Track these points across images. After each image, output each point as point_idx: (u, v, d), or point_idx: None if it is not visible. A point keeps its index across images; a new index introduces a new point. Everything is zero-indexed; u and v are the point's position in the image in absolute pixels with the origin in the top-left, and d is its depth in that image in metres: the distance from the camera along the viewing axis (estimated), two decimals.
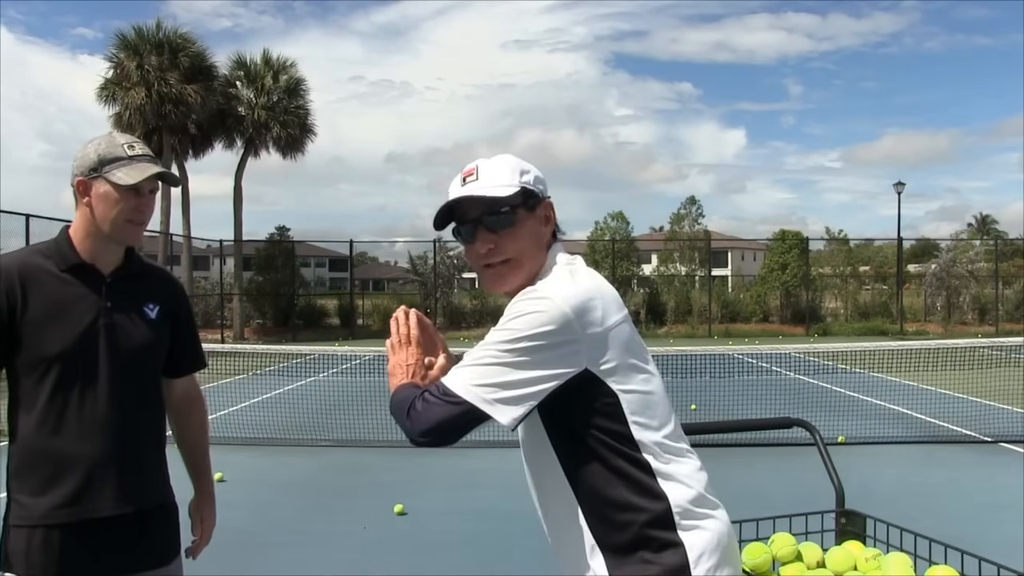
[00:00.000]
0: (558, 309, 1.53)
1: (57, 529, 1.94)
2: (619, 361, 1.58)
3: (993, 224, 66.66)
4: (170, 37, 26.17)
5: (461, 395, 1.52)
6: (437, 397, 1.54)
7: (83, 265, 2.02)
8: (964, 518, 5.71)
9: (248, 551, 5.07)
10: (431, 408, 1.54)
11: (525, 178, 1.68)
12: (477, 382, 1.53)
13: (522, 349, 1.52)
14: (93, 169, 1.99)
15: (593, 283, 1.63)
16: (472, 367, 1.55)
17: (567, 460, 1.59)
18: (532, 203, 1.68)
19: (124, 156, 1.99)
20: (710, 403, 10.16)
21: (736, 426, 2.80)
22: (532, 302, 1.55)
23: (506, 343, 1.53)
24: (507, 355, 1.53)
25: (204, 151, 29.16)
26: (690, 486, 1.59)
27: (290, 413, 10.39)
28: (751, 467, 7.44)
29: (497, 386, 1.52)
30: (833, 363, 13.87)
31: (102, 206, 1.99)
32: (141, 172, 1.99)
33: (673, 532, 1.55)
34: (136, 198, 2.00)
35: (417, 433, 1.56)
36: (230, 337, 26.76)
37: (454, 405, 1.53)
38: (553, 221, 1.73)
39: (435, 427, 1.54)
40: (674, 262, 36.00)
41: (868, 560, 2.01)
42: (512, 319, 1.55)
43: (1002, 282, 30.75)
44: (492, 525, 5.64)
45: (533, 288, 1.60)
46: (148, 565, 2.06)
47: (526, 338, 1.52)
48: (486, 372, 1.53)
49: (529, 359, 1.52)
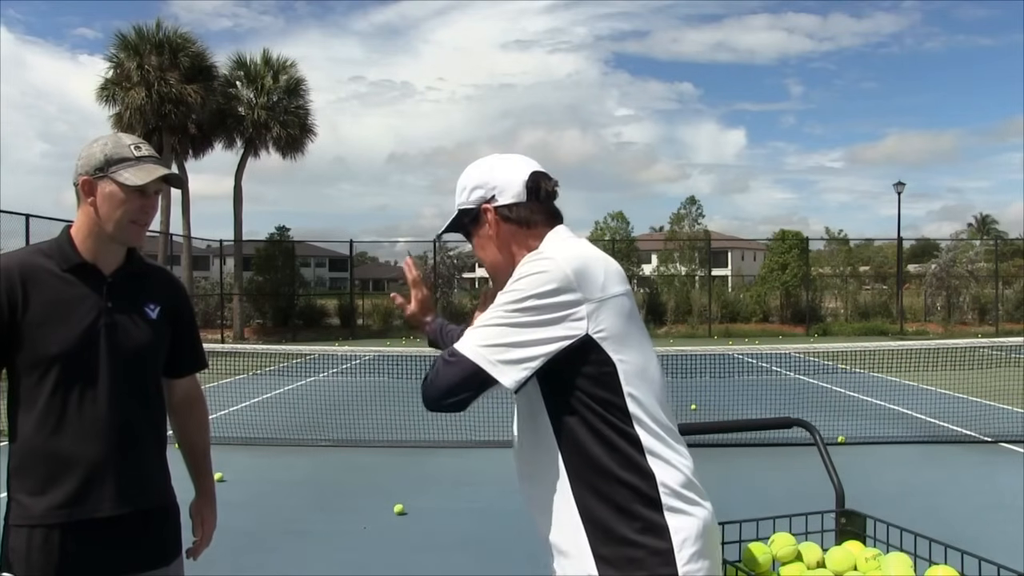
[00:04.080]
0: (560, 269, 1.59)
1: (57, 529, 1.94)
2: (619, 330, 1.62)
3: (993, 224, 66.69)
4: (170, 37, 26.17)
5: (468, 356, 1.57)
6: (447, 360, 1.60)
7: (84, 265, 2.01)
8: (964, 518, 5.71)
9: (248, 551, 5.07)
10: (441, 372, 1.60)
11: (461, 198, 1.80)
12: (483, 343, 1.58)
13: (526, 308, 1.57)
14: (99, 169, 1.98)
15: (595, 252, 1.70)
16: (479, 329, 1.61)
17: (559, 427, 1.62)
18: (475, 217, 1.79)
19: (131, 157, 1.99)
20: (710, 403, 10.16)
21: (736, 426, 2.80)
22: (535, 263, 1.62)
23: (511, 303, 1.59)
24: (513, 315, 1.58)
25: (204, 151, 29.19)
26: (679, 469, 1.61)
27: (290, 413, 10.39)
28: (751, 467, 7.45)
29: (502, 347, 1.57)
30: (833, 363, 13.86)
31: (107, 206, 1.98)
32: (149, 173, 1.99)
33: (659, 513, 1.57)
34: (141, 199, 2.00)
35: (430, 399, 1.62)
36: (230, 337, 26.76)
37: (462, 368, 1.57)
38: (513, 219, 1.76)
39: (446, 391, 1.59)
40: (674, 262, 36.02)
41: (868, 560, 2.01)
42: (517, 280, 1.61)
43: (1002, 282, 30.74)
44: (492, 525, 5.64)
45: (537, 251, 1.68)
46: (149, 565, 2.06)
47: (531, 297, 1.57)
48: (492, 333, 1.58)
49: (533, 319, 1.57)
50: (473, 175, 1.80)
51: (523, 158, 1.83)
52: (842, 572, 2.02)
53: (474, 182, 1.79)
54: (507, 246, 1.77)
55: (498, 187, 1.76)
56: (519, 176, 1.77)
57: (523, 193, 1.75)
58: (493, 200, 1.76)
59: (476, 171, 1.80)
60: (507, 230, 1.76)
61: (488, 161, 1.82)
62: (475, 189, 1.78)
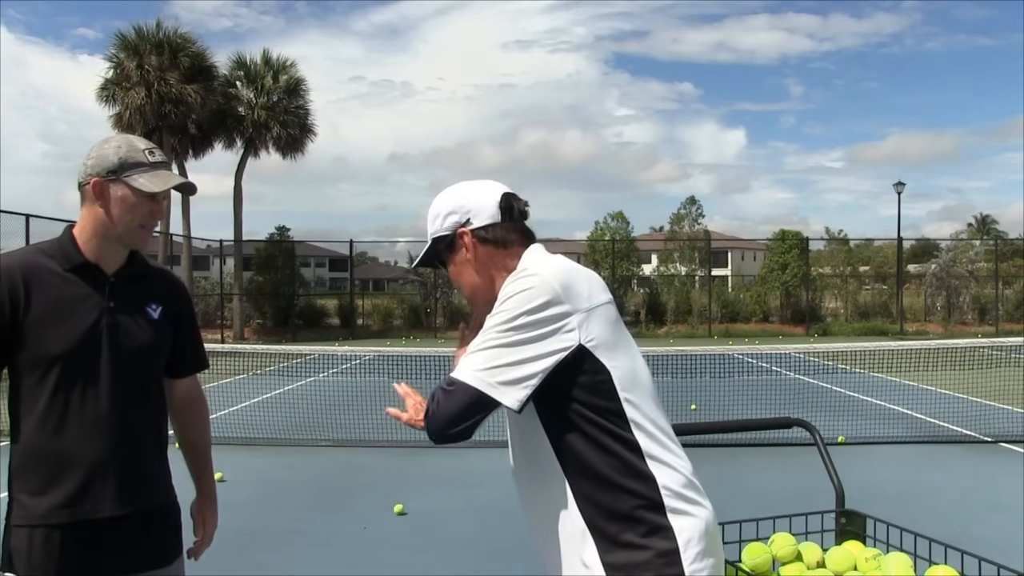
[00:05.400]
0: (546, 283, 1.60)
1: (58, 529, 1.94)
2: (608, 338, 1.63)
3: (993, 224, 66.71)
4: (170, 37, 26.17)
5: (468, 382, 1.57)
6: (446, 390, 1.59)
7: (87, 265, 2.01)
8: (964, 518, 5.71)
9: (248, 551, 5.07)
10: (442, 403, 1.59)
11: (435, 226, 1.80)
12: (481, 367, 1.58)
13: (519, 327, 1.58)
14: (112, 171, 1.98)
15: (576, 265, 1.72)
16: (475, 354, 1.60)
17: (558, 441, 1.63)
18: (449, 243, 1.78)
19: (146, 162, 2.00)
20: (710, 403, 10.15)
21: (736, 426, 2.80)
22: (520, 281, 1.63)
23: (503, 324, 1.59)
24: (506, 335, 1.58)
25: (204, 151, 29.17)
26: (678, 470, 1.63)
27: (290, 413, 10.39)
28: (751, 467, 7.45)
29: (501, 367, 1.57)
30: (833, 363, 13.87)
31: (119, 209, 1.99)
32: (165, 181, 2.00)
33: (662, 516, 1.58)
34: (152, 204, 2.01)
35: (435, 431, 1.61)
36: (230, 337, 26.76)
37: (462, 395, 1.57)
38: (491, 240, 1.76)
39: (449, 420, 1.59)
40: (674, 262, 35.99)
41: (868, 560, 2.01)
42: (505, 300, 1.62)
43: (1002, 282, 30.76)
44: (492, 525, 5.65)
45: (521, 268, 1.69)
46: (150, 566, 2.06)
47: (522, 314, 1.58)
48: (488, 356, 1.58)
49: (527, 335, 1.57)
50: (445, 201, 1.80)
51: (492, 182, 1.83)
52: (842, 572, 2.02)
53: (448, 208, 1.78)
54: (485, 269, 1.77)
55: (472, 210, 1.76)
56: (491, 198, 1.77)
57: (497, 214, 1.76)
58: (468, 224, 1.76)
59: (448, 197, 1.80)
60: (484, 252, 1.76)
61: (457, 188, 1.82)
62: (449, 215, 1.77)
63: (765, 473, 7.25)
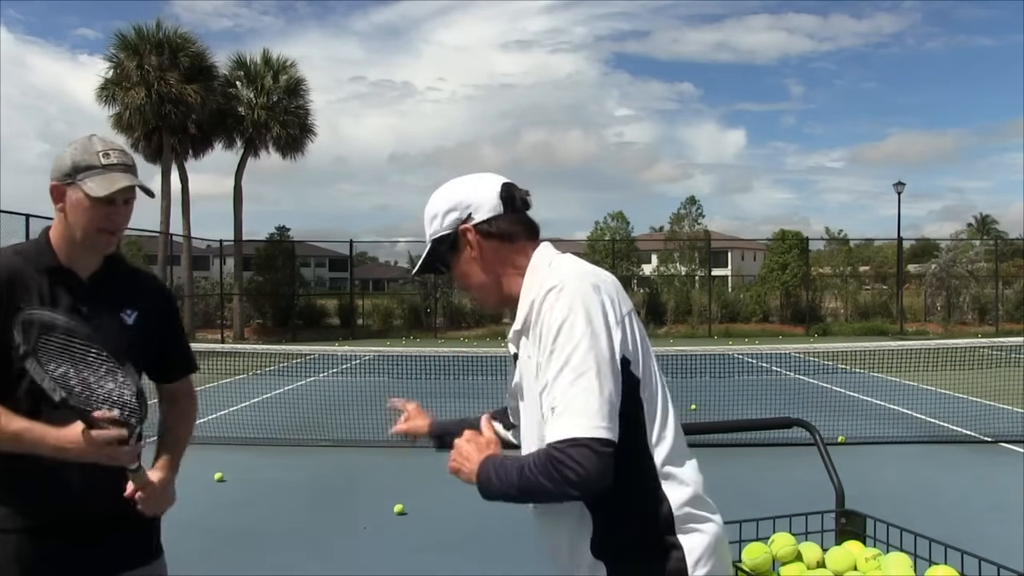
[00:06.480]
0: (586, 300, 1.52)
1: (31, 533, 1.93)
2: (636, 345, 1.58)
3: (993, 224, 66.70)
4: (170, 37, 26.17)
5: (583, 436, 1.44)
6: (564, 452, 1.45)
7: (59, 268, 1.99)
8: (964, 518, 5.71)
9: (248, 551, 5.06)
10: (568, 466, 1.44)
11: (434, 227, 1.72)
12: (583, 415, 1.46)
13: (585, 358, 1.48)
14: (68, 175, 1.94)
15: (597, 268, 1.66)
16: (567, 409, 1.47)
17: None
18: (451, 242, 1.71)
19: (98, 165, 1.93)
20: (710, 403, 10.15)
21: (736, 426, 2.80)
22: (560, 307, 1.52)
23: (572, 366, 1.48)
24: (582, 378, 1.47)
25: (204, 151, 29.16)
26: (690, 486, 1.60)
27: (290, 413, 10.38)
28: (751, 467, 7.45)
29: (598, 407, 1.46)
30: (833, 363, 13.86)
31: (74, 214, 1.95)
32: (112, 183, 1.93)
33: (672, 535, 1.57)
34: (107, 208, 1.95)
35: (590, 493, 1.48)
36: (230, 337, 26.78)
37: (587, 450, 1.44)
38: (496, 234, 1.69)
39: (593, 479, 1.44)
40: (674, 262, 36.02)
41: (868, 560, 2.01)
42: (556, 335, 1.51)
43: (1002, 282, 30.77)
44: (492, 525, 5.64)
45: (548, 286, 1.56)
46: (127, 566, 2.04)
47: (581, 343, 1.49)
48: (581, 403, 1.46)
49: (595, 362, 1.48)
50: (443, 199, 1.71)
51: (488, 174, 1.75)
52: (842, 572, 2.02)
53: (446, 205, 1.70)
54: (492, 266, 1.70)
55: (472, 204, 1.68)
56: (491, 189, 1.70)
57: (499, 205, 1.69)
58: (470, 219, 1.68)
59: (445, 195, 1.72)
60: (490, 248, 1.69)
61: (453, 184, 1.74)
62: (448, 213, 1.69)
63: (765, 473, 7.25)
